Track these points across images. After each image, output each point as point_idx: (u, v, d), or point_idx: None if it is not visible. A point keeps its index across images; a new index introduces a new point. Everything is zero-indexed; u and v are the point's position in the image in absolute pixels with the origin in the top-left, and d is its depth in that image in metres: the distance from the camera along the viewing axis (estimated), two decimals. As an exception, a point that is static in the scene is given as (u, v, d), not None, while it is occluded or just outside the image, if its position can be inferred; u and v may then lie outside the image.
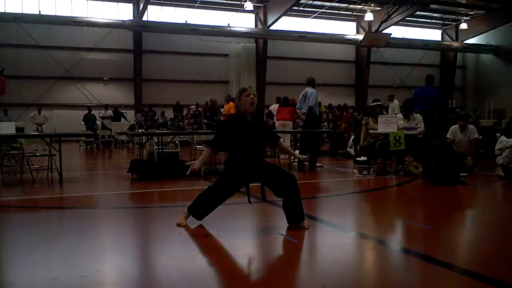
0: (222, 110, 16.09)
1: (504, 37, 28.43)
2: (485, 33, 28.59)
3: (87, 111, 18.89)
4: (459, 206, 6.35)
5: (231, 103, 14.63)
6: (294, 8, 24.00)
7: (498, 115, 25.05)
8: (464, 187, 7.26)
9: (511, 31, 27.36)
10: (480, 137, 11.60)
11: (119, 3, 23.44)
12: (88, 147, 17.60)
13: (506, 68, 28.70)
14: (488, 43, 29.37)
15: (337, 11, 26.40)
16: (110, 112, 19.97)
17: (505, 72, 28.57)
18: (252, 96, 4.38)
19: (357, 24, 28.15)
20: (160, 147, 9.36)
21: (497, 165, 9.46)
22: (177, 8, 24.24)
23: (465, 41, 29.46)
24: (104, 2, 22.93)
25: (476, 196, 7.21)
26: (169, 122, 20.75)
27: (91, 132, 14.34)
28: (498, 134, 12.04)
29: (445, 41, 30.16)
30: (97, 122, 19.02)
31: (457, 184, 7.31)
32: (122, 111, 21.15)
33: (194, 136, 10.90)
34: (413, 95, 10.14)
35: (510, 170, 7.63)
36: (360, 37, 25.61)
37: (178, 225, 4.49)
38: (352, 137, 12.93)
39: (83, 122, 18.40)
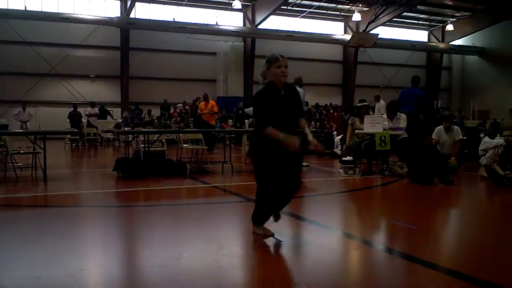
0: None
1: (490, 39, 28.77)
2: (471, 35, 28.89)
3: (72, 109, 18.72)
4: (443, 206, 6.41)
5: (212, 102, 14.58)
6: (282, 7, 24.03)
7: (483, 116, 25.37)
8: (448, 187, 7.33)
9: (496, 33, 27.69)
10: (465, 138, 11.73)
11: (106, 0, 23.26)
12: (74, 145, 17.45)
13: (491, 69, 29.05)
14: (473, 45, 29.69)
15: (325, 11, 26.49)
16: (96, 110, 19.80)
17: (490, 73, 28.93)
18: (283, 68, 3.79)
19: (344, 24, 28.27)
20: (146, 145, 9.32)
21: (480, 165, 9.59)
22: (165, 5, 24.13)
23: (451, 43, 29.74)
24: (91, -1, 22.77)
25: (460, 197, 7.29)
26: (156, 120, 20.65)
27: (76, 130, 14.19)
28: (482, 135, 12.19)
29: (431, 42, 30.43)
30: (82, 120, 18.85)
31: (444, 184, 7.38)
32: (109, 108, 20.99)
33: (181, 134, 10.87)
34: (399, 95, 10.22)
35: (493, 171, 7.72)
36: (348, 37, 25.73)
37: (259, 234, 4.04)
38: (339, 137, 12.99)
39: (68, 120, 18.22)
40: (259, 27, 24.84)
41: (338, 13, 27.02)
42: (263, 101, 3.83)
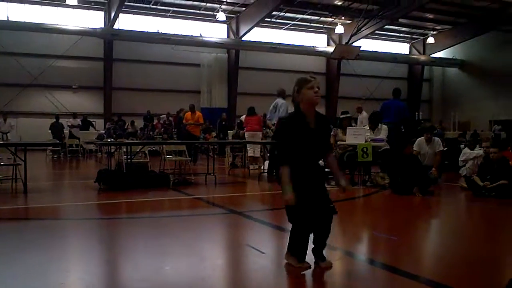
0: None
1: (470, 52, 29.33)
2: (451, 48, 29.41)
3: (54, 120, 18.54)
4: (423, 217, 6.49)
5: (199, 113, 14.59)
6: (266, 19, 24.21)
7: (463, 127, 25.79)
8: (428, 198, 7.43)
9: (476, 46, 28.24)
10: (445, 149, 11.90)
11: (90, 11, 23.19)
12: (55, 156, 17.26)
13: (471, 81, 29.59)
14: (454, 57, 30.23)
15: (308, 24, 26.77)
16: (78, 121, 19.64)
17: (470, 85, 29.46)
18: (316, 89, 3.49)
19: (328, 37, 28.58)
20: (129, 157, 9.26)
21: (460, 176, 9.74)
22: (149, 17, 24.12)
23: (432, 55, 30.23)
24: (75, 9, 22.62)
25: (440, 207, 7.38)
26: (139, 132, 20.54)
27: (58, 141, 14.04)
28: (462, 146, 12.38)
29: (412, 55, 30.89)
30: (64, 131, 18.68)
31: (424, 194, 7.48)
32: (91, 119, 20.83)
33: (164, 146, 10.83)
34: (381, 107, 10.35)
35: (472, 181, 7.84)
36: (331, 49, 26.00)
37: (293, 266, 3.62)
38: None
39: (50, 131, 18.03)
40: (243, 38, 24.97)
41: (321, 25, 27.32)
42: (287, 133, 3.48)
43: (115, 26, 22.64)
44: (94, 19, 23.07)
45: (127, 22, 23.58)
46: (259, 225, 5.39)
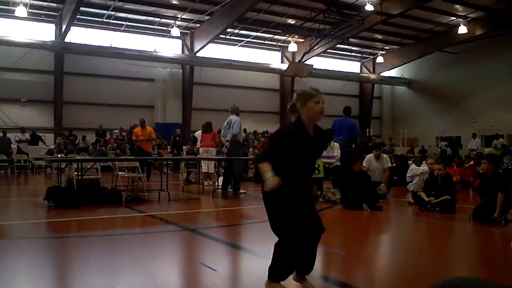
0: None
1: (417, 71, 30.57)
2: (399, 67, 30.57)
3: (1, 134, 17.90)
4: (372, 232, 6.71)
5: (150, 128, 14.38)
6: (221, 36, 24.39)
7: (412, 143, 26.75)
8: (377, 213, 7.69)
9: (423, 65, 29.47)
10: (394, 165, 12.34)
11: (40, 23, 22.62)
12: (2, 172, 16.64)
13: (418, 99, 30.79)
14: (402, 76, 31.41)
15: (262, 41, 27.16)
16: (27, 136, 19.04)
17: (418, 103, 30.66)
18: (321, 104, 3.43)
19: (281, 54, 29.07)
20: (79, 173, 9.08)
21: (408, 191, 10.13)
22: (102, 30, 23.79)
23: (381, 74, 31.29)
24: (24, 21, 22.01)
25: (387, 222, 7.65)
26: (91, 147, 20.12)
27: (5, 157, 13.56)
28: (410, 162, 12.86)
29: (363, 73, 31.85)
30: (12, 146, 18.06)
31: (373, 209, 7.74)
32: (41, 134, 20.22)
33: (116, 162, 10.68)
34: (332, 125, 10.63)
35: (418, 197, 8.18)
36: (285, 66, 26.45)
37: None
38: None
39: (-4, 146, 17.39)
40: (197, 54, 25.03)
41: (275, 43, 27.78)
42: (285, 140, 3.40)
43: (67, 39, 22.18)
44: (45, 32, 22.51)
45: (79, 35, 23.14)
46: (212, 242, 5.42)
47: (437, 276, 4.14)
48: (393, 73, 31.33)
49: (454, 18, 24.03)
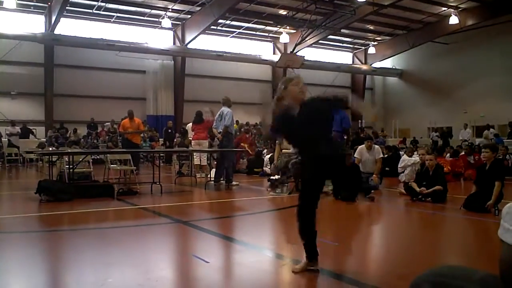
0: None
1: (408, 62, 30.62)
2: (391, 58, 30.59)
3: (-9, 128, 17.79)
4: (364, 222, 6.75)
5: (138, 120, 14.21)
6: (212, 27, 24.25)
7: (404, 134, 26.88)
8: (369, 204, 7.73)
9: (414, 56, 29.51)
10: (386, 156, 12.39)
11: (29, 14, 22.37)
12: (-8, 165, 16.54)
13: (410, 90, 30.87)
14: (394, 67, 31.45)
15: (254, 32, 27.05)
16: (17, 129, 18.91)
17: (409, 94, 30.73)
18: (301, 85, 3.86)
19: (273, 45, 28.98)
20: (71, 166, 9.04)
21: (400, 182, 10.19)
22: (92, 22, 23.57)
23: (373, 65, 31.30)
24: (13, 13, 21.75)
25: (379, 212, 7.69)
26: (82, 140, 20.01)
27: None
28: (401, 153, 12.92)
29: (355, 64, 31.85)
30: (2, 139, 17.92)
31: (365, 200, 7.78)
32: (32, 127, 20.07)
33: (108, 155, 10.64)
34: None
35: (410, 187, 8.22)
36: (276, 58, 26.39)
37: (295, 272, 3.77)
38: (268, 156, 13.25)
39: (-15, 140, 17.28)
40: (189, 46, 24.88)
41: (267, 34, 27.67)
42: (279, 122, 3.88)
43: (57, 31, 21.93)
44: (34, 23, 22.27)
45: (69, 27, 22.89)
46: (204, 234, 5.42)
47: (429, 264, 4.16)
48: (384, 64, 31.36)
49: (446, 8, 24.02)
